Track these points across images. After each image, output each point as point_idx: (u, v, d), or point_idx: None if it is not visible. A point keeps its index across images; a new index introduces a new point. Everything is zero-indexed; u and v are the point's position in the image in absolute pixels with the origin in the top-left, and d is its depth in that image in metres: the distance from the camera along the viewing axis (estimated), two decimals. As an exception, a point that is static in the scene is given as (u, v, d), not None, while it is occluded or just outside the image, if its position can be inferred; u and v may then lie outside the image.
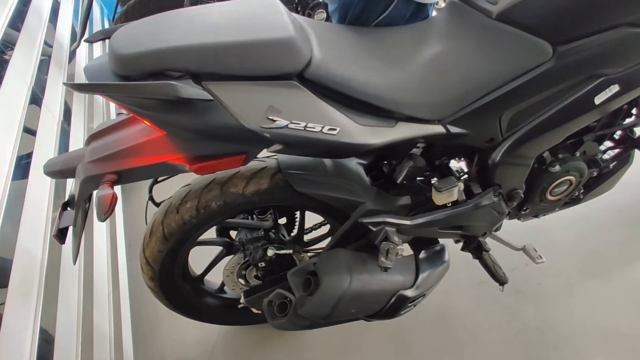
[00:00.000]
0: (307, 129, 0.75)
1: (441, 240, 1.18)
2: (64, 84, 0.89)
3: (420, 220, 1.02)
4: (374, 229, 0.98)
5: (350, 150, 0.81)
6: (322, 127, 0.76)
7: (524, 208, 1.21)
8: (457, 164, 1.22)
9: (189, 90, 0.69)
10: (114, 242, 1.56)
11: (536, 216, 1.30)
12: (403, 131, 0.86)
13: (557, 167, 1.09)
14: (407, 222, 1.00)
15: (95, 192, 0.83)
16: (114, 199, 0.78)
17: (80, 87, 0.72)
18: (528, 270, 1.53)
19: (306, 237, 1.28)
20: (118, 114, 1.00)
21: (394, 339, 1.41)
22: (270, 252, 1.13)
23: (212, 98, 0.72)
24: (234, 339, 1.49)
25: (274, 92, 0.75)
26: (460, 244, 1.23)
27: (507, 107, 0.93)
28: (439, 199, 1.03)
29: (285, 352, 1.42)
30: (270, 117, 0.74)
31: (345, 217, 1.05)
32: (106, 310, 1.27)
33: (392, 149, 0.98)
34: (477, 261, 1.25)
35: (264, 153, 0.97)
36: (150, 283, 1.15)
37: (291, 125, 0.74)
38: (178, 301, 1.24)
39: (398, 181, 1.05)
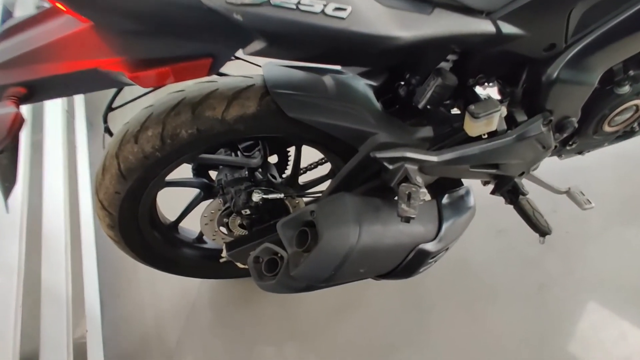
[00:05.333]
0: (301, 6, 0.49)
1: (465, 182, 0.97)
2: None
3: (449, 156, 0.79)
4: (391, 167, 0.75)
5: (364, 46, 0.56)
6: (325, 5, 0.50)
7: (571, 142, 0.99)
8: (484, 92, 0.99)
9: None
10: (73, 184, 1.32)
11: (580, 153, 1.07)
12: (441, 23, 0.60)
13: (627, 88, 0.85)
14: (434, 158, 0.77)
15: None
16: (17, 120, 0.53)
17: None
18: (556, 218, 1.33)
19: (301, 180, 1.05)
20: (38, 7, 0.71)
21: (401, 294, 1.25)
22: (256, 197, 0.90)
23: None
24: (219, 292, 1.33)
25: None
26: (488, 187, 1.02)
27: None
28: (474, 128, 0.79)
29: (276, 308, 1.26)
30: (243, -11, 0.48)
31: (350, 153, 0.83)
32: (62, 265, 1.06)
33: (416, 58, 0.73)
34: (496, 207, 1.06)
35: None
36: (110, 232, 0.94)
37: (275, 1, 0.48)
38: (147, 253, 1.04)
39: (420, 106, 0.82)
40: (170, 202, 1.12)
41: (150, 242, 1.02)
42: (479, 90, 0.94)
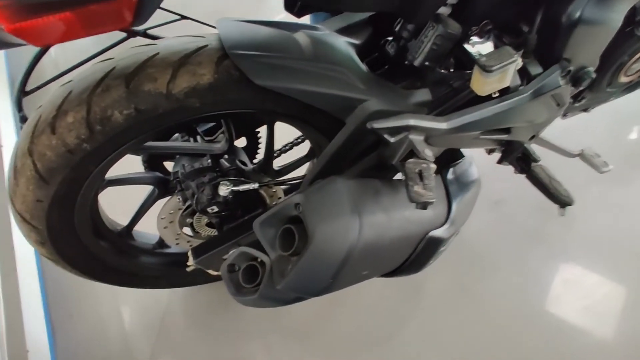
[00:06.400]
0: None
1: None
2: None
3: (459, 122, 0.65)
4: (392, 140, 0.60)
5: None
6: None
7: (580, 97, 0.87)
8: (473, 48, 0.86)
9: None
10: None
11: (586, 110, 0.96)
12: None
13: (650, 28, 0.73)
14: (443, 125, 0.63)
15: None
16: None
17: None
18: (554, 182, 1.24)
19: (276, 164, 0.89)
20: None
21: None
22: (223, 190, 0.73)
23: None
24: (194, 298, 1.17)
25: None
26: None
27: None
28: (485, 85, 0.65)
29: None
30: None
31: (335, 127, 0.68)
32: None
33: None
34: (492, 176, 0.94)
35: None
36: (41, 249, 0.75)
37: None
38: (96, 268, 0.85)
39: (416, 63, 0.69)
40: (119, 202, 0.93)
41: (98, 255, 0.83)
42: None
